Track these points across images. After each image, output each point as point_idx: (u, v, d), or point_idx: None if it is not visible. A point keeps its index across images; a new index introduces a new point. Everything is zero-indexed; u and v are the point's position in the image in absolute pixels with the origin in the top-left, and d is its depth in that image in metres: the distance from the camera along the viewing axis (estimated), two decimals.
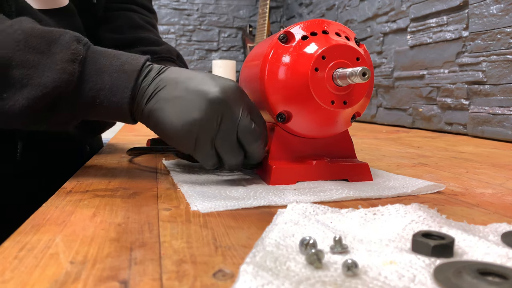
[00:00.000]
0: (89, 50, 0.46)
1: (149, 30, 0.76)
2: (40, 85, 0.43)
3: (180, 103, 0.44)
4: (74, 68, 0.44)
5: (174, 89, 0.45)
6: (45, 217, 0.35)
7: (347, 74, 0.41)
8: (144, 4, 0.80)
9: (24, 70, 0.43)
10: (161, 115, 0.45)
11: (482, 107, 1.21)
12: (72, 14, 0.65)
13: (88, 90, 0.45)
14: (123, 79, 0.45)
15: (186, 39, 3.12)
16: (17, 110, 0.43)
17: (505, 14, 1.12)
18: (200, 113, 0.43)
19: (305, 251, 0.26)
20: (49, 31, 0.45)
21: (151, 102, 0.45)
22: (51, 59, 0.43)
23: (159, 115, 0.45)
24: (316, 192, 0.44)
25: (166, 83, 0.46)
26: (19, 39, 0.43)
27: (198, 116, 0.43)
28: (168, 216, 0.36)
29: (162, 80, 0.46)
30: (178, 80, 0.46)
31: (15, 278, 0.24)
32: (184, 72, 0.47)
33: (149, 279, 0.24)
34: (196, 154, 0.46)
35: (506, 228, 0.31)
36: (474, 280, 0.22)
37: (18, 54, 0.43)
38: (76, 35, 0.46)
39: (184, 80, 0.45)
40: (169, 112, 0.44)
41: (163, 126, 0.45)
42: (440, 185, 0.47)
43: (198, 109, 0.43)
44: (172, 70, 0.47)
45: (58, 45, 0.44)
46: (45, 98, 0.43)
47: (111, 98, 0.45)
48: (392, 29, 1.70)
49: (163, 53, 0.72)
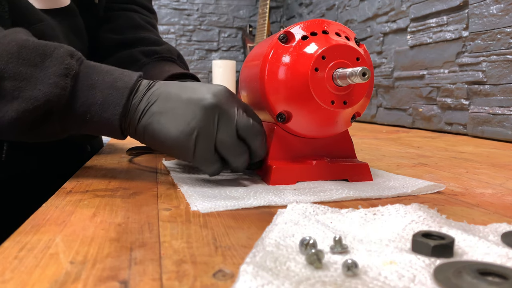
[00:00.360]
0: (82, 65, 0.46)
1: (149, 30, 0.76)
2: (31, 98, 0.43)
3: (175, 114, 0.44)
4: (66, 82, 0.44)
5: (167, 101, 0.45)
6: (45, 217, 0.35)
7: (347, 74, 0.41)
8: (144, 4, 0.80)
9: (16, 82, 0.43)
10: (157, 128, 0.45)
11: (482, 107, 1.21)
12: (73, 14, 0.65)
13: (79, 105, 0.45)
14: (115, 96, 0.45)
15: (186, 39, 3.12)
16: (6, 122, 0.43)
17: (505, 14, 1.12)
18: (197, 120, 0.44)
19: (305, 251, 0.26)
20: (44, 44, 0.45)
21: (145, 118, 0.46)
22: (43, 73, 0.43)
23: (155, 128, 0.45)
24: (316, 192, 0.44)
25: (158, 96, 0.46)
26: (13, 51, 0.43)
27: (195, 124, 0.44)
28: (168, 216, 0.36)
29: (153, 94, 0.46)
30: (169, 92, 0.46)
31: (15, 278, 0.24)
32: (172, 85, 0.47)
33: (149, 279, 0.24)
34: (197, 162, 0.46)
35: (506, 228, 0.31)
36: (474, 280, 0.22)
37: (11, 66, 0.42)
38: (69, 50, 0.46)
39: (175, 92, 0.46)
40: (166, 124, 0.45)
41: (161, 138, 0.45)
42: (440, 185, 0.47)
43: (194, 117, 0.44)
44: (161, 83, 0.48)
45: (51, 59, 0.44)
46: (36, 111, 0.43)
47: (102, 113, 0.45)
48: (392, 29, 1.70)
49: (164, 53, 0.72)
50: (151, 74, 0.68)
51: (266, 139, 0.50)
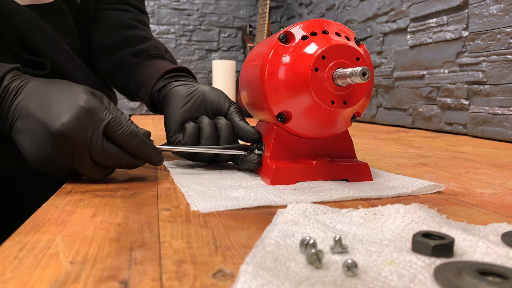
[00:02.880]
0: None
1: (138, 28, 0.75)
2: None
3: (30, 137, 0.45)
4: None
5: (26, 121, 0.45)
6: (45, 217, 0.35)
7: (347, 74, 0.41)
8: (135, 5, 0.80)
9: None
10: (20, 147, 0.46)
11: (482, 107, 1.21)
12: (61, 12, 0.64)
13: None
14: None
15: (186, 39, 3.11)
16: None
17: (505, 14, 1.12)
18: (46, 149, 0.44)
19: (305, 251, 0.26)
20: None
21: (12, 132, 0.47)
22: None
23: (19, 146, 0.46)
24: (316, 192, 0.44)
25: (20, 112, 0.46)
26: None
27: (46, 152, 0.44)
28: (168, 216, 0.36)
29: (16, 109, 0.46)
30: (28, 110, 0.46)
31: (15, 278, 0.24)
32: (36, 96, 0.46)
33: (149, 279, 0.24)
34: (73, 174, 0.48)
35: (506, 228, 0.31)
36: (474, 280, 0.22)
37: None
38: None
39: (34, 109, 0.45)
40: (24, 146, 0.46)
41: (26, 157, 0.46)
42: (440, 185, 0.47)
43: (44, 145, 0.44)
44: (28, 91, 0.47)
45: None
46: None
47: None
48: (392, 29, 1.70)
49: (152, 51, 0.71)
50: (143, 75, 0.68)
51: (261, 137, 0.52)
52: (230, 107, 0.59)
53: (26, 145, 0.45)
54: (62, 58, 0.62)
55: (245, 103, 0.58)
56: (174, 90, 0.61)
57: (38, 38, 0.59)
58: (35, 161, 0.46)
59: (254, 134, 0.54)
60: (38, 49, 0.59)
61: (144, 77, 0.67)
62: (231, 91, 2.60)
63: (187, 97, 0.59)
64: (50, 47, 0.60)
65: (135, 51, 0.71)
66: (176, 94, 0.60)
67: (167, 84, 0.64)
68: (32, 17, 0.58)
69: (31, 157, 0.45)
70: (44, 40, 0.60)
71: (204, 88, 0.60)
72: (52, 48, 0.60)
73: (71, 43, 0.66)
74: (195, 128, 0.56)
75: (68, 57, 0.63)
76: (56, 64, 0.61)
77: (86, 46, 0.73)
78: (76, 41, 0.69)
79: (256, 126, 0.57)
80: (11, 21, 0.56)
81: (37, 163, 0.46)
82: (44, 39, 0.60)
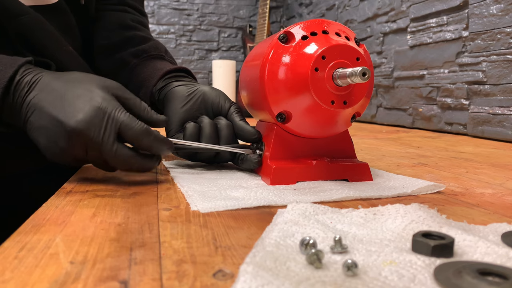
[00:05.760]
0: None
1: (138, 29, 0.76)
2: None
3: (46, 134, 0.46)
4: None
5: (40, 117, 0.46)
6: (45, 217, 0.35)
7: (347, 74, 0.41)
8: (135, 6, 0.80)
9: None
10: (36, 142, 0.47)
11: (482, 107, 1.21)
12: (63, 13, 0.64)
13: None
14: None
15: (186, 39, 3.12)
16: None
17: (505, 14, 1.12)
18: (62, 145, 0.45)
19: (305, 251, 0.26)
20: None
21: (27, 127, 0.47)
22: None
23: (36, 142, 0.47)
24: (316, 192, 0.44)
25: (34, 108, 0.46)
26: None
27: (63, 146, 0.45)
28: (168, 216, 0.36)
29: (30, 106, 0.46)
30: (43, 106, 0.46)
31: (15, 278, 0.24)
32: (51, 93, 0.46)
33: (149, 279, 0.24)
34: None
35: (506, 228, 0.31)
36: (474, 280, 0.22)
37: None
38: None
39: (48, 106, 0.45)
40: (40, 141, 0.46)
41: (45, 153, 0.47)
42: (440, 185, 0.47)
43: (60, 141, 0.45)
44: (42, 86, 0.47)
45: None
46: None
47: None
48: (392, 29, 1.70)
49: (152, 51, 0.72)
50: (143, 75, 0.68)
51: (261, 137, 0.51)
52: (230, 107, 0.59)
53: (42, 142, 0.46)
54: (66, 58, 0.62)
55: (245, 103, 0.58)
56: (174, 90, 0.61)
57: (43, 38, 0.59)
58: (53, 155, 0.46)
59: (254, 134, 0.54)
60: (43, 50, 0.59)
61: (144, 77, 0.67)
62: (231, 91, 2.60)
63: (188, 97, 0.59)
64: (55, 47, 0.61)
65: (136, 51, 0.71)
66: (176, 94, 0.60)
67: (167, 84, 0.64)
68: (37, 18, 0.58)
69: (50, 153, 0.46)
70: (49, 41, 0.60)
71: (205, 88, 0.60)
72: (56, 49, 0.61)
73: (74, 44, 0.66)
74: (195, 128, 0.56)
75: (72, 57, 0.64)
76: (60, 64, 0.61)
77: (87, 46, 0.73)
78: (79, 41, 0.69)
79: (256, 126, 0.57)
80: (16, 21, 0.56)
81: (56, 157, 0.47)
82: (49, 40, 0.60)
